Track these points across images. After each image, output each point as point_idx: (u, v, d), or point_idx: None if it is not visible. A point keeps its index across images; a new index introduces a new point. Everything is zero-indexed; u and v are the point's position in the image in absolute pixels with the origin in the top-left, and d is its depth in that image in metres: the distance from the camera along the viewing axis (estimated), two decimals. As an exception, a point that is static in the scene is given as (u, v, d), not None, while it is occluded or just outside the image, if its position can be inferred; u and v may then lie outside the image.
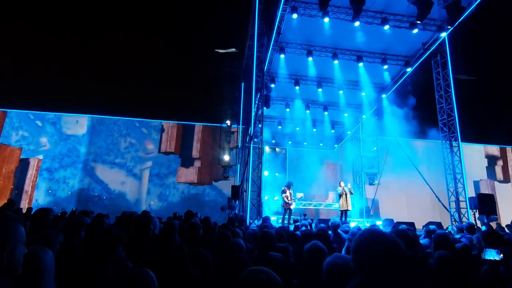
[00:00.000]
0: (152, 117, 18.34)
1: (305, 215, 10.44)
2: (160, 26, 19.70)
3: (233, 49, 13.57)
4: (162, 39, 19.85)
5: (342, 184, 10.42)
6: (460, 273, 2.11)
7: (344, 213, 10.28)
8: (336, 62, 11.18)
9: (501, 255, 1.95)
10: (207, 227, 3.78)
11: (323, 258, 2.00)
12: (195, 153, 17.72)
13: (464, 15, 8.96)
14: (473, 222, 9.39)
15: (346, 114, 15.60)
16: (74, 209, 10.80)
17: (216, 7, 19.19)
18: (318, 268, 1.76)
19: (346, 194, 10.17)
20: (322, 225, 6.12)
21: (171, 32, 19.65)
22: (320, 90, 13.04)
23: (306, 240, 3.67)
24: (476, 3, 8.77)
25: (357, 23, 9.13)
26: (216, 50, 14.18)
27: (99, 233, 2.12)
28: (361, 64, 11.33)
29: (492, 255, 1.98)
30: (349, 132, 17.28)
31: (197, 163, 17.58)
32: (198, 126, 18.34)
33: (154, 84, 19.02)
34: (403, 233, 2.11)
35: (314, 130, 16.69)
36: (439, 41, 10.57)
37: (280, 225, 8.85)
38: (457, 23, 9.20)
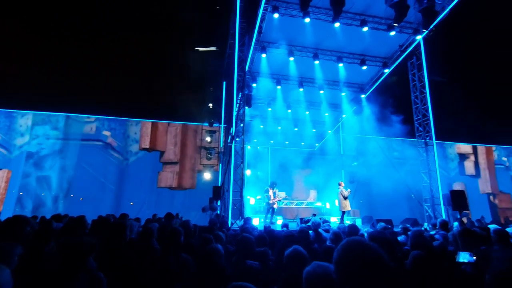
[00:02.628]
0: (131, 116, 17.81)
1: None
2: (139, 21, 19.07)
3: (214, 48, 13.37)
4: (140, 34, 19.25)
5: (343, 184, 10.24)
6: (435, 273, 2.16)
7: (344, 213, 10.16)
8: (317, 62, 11.30)
9: (474, 257, 2.01)
10: (187, 231, 3.68)
11: (303, 263, 1.98)
12: (173, 157, 17.37)
13: (438, 19, 9.33)
14: (447, 218, 9.81)
15: (326, 114, 15.83)
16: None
17: (197, 4, 18.85)
18: (298, 274, 1.74)
19: (346, 197, 10.19)
20: (303, 225, 6.17)
21: (150, 28, 19.08)
22: (301, 89, 13.15)
23: (287, 242, 3.66)
24: (449, 7, 9.15)
25: (337, 24, 9.27)
26: (196, 48, 13.91)
27: (66, 243, 1.97)
28: (341, 64, 11.51)
29: (465, 257, 2.05)
30: (329, 131, 17.55)
31: (176, 167, 17.24)
32: (176, 129, 17.92)
33: (133, 82, 18.42)
34: (384, 240, 2.13)
35: (296, 129, 16.83)
36: (415, 44, 10.94)
37: (263, 224, 8.85)
38: (431, 26, 9.56)
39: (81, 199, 16.79)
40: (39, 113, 16.72)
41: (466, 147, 20.80)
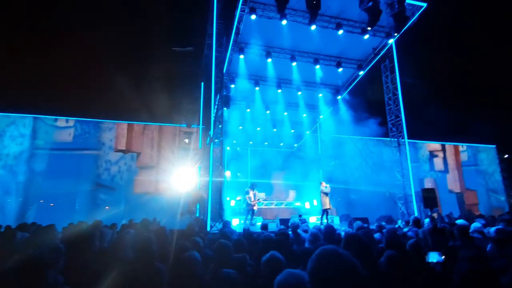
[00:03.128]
0: (105, 117, 17.11)
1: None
2: (114, 18, 18.41)
3: (190, 48, 13.15)
4: (115, 33, 18.59)
5: (324, 183, 10.64)
6: (408, 272, 2.23)
7: (327, 212, 10.49)
8: (294, 64, 11.42)
9: (443, 257, 2.10)
10: (162, 238, 3.57)
11: (280, 270, 1.96)
12: (149, 160, 16.88)
13: (409, 23, 9.73)
14: (419, 214, 10.25)
15: (304, 115, 16.06)
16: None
17: (173, 3, 18.47)
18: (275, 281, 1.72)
19: (328, 193, 10.47)
20: (282, 226, 6.20)
21: (125, 26, 18.46)
22: (279, 91, 13.24)
23: (266, 245, 3.65)
24: (418, 13, 9.58)
25: (313, 27, 9.41)
26: (173, 48, 13.62)
27: (26, 257, 1.83)
28: (317, 66, 11.71)
29: (434, 257, 2.14)
30: (307, 132, 17.82)
31: (153, 172, 16.77)
32: (152, 132, 17.43)
33: (106, 82, 17.74)
34: (360, 245, 2.17)
35: (275, 130, 16.94)
36: (387, 47, 11.34)
37: (243, 225, 8.81)
38: (402, 31, 9.95)
39: (51, 204, 15.88)
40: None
41: (435, 145, 21.93)
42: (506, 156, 22.68)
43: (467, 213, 19.01)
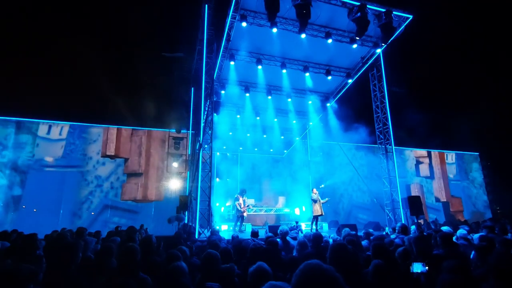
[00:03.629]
0: (93, 121, 16.81)
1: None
2: (103, 24, 18.21)
3: (181, 54, 13.11)
4: (104, 39, 18.39)
5: (315, 190, 10.83)
6: (393, 282, 2.25)
7: (317, 218, 10.64)
8: (284, 71, 11.54)
9: (426, 267, 2.14)
10: (149, 247, 3.49)
11: (267, 282, 1.95)
12: (137, 167, 16.62)
13: (395, 34, 10.00)
14: (406, 221, 10.41)
15: (294, 121, 16.18)
16: None
17: (163, 8, 18.43)
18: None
19: (319, 200, 10.56)
20: (271, 234, 6.18)
21: (115, 30, 18.28)
22: (269, 97, 13.33)
23: (255, 255, 3.62)
24: (405, 24, 9.87)
25: (303, 35, 9.56)
26: (162, 54, 13.54)
27: (4, 269, 1.76)
28: (307, 74, 11.86)
29: (418, 268, 2.18)
30: (297, 138, 17.94)
31: (141, 179, 16.51)
32: (140, 138, 17.19)
33: (96, 87, 17.47)
34: (346, 255, 2.18)
35: (265, 136, 16.99)
36: (375, 56, 11.61)
37: (233, 232, 8.75)
38: (389, 41, 10.21)
39: (34, 210, 15.35)
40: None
41: (421, 151, 22.47)
42: (488, 163, 23.37)
43: (451, 220, 19.46)
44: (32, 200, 14.81)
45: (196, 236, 7.67)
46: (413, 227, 7.23)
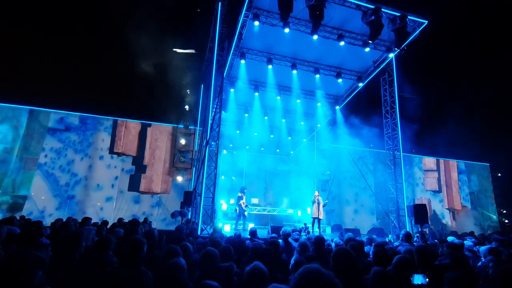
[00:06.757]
0: (105, 114, 17.05)
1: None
2: (115, 18, 18.41)
3: (192, 50, 13.18)
4: (119, 32, 18.61)
5: (317, 193, 10.87)
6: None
7: (316, 220, 10.64)
8: (294, 72, 11.48)
9: (427, 279, 2.10)
10: (151, 241, 3.51)
11: (263, 282, 1.95)
12: (143, 160, 16.78)
13: (409, 39, 9.85)
14: (411, 229, 10.26)
15: (302, 123, 16.11)
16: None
17: (177, 6, 18.54)
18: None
19: (319, 203, 10.51)
20: (274, 235, 6.17)
21: (128, 26, 18.48)
22: (278, 97, 13.29)
23: (255, 254, 3.62)
24: (419, 29, 9.70)
25: (315, 37, 9.48)
26: (174, 49, 13.63)
27: (12, 259, 1.80)
28: (317, 75, 11.77)
29: (419, 279, 2.14)
30: (304, 140, 17.85)
31: (148, 171, 16.67)
32: (150, 134, 17.34)
33: (109, 80, 17.67)
34: (348, 261, 2.16)
35: (272, 136, 16.96)
36: (387, 61, 11.45)
37: (234, 231, 8.76)
38: (403, 46, 10.06)
39: (42, 197, 15.68)
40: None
41: (430, 164, 22.04)
42: (499, 174, 22.89)
43: (457, 230, 19.11)
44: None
45: (199, 232, 7.71)
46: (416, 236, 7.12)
